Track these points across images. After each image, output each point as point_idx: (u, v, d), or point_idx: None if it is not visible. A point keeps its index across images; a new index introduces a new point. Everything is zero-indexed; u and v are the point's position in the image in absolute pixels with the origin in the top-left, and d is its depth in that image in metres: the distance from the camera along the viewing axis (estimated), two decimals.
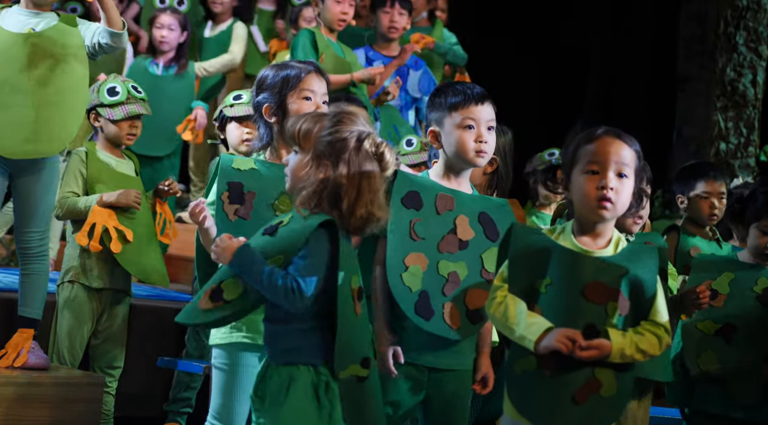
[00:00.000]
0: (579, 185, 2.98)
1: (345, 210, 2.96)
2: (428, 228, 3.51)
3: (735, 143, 7.99)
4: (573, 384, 2.92)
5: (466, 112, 3.54)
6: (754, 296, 3.74)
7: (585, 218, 3.00)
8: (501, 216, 3.57)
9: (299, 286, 2.89)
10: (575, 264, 2.95)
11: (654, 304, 2.98)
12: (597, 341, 2.89)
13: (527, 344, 2.90)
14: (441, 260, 3.49)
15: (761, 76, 8.11)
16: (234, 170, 3.43)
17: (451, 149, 3.56)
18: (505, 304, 2.95)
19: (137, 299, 5.19)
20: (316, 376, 2.96)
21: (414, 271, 3.45)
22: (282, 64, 3.60)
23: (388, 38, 6.39)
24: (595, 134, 3.01)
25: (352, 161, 2.96)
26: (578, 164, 3.00)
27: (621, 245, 3.02)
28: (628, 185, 2.99)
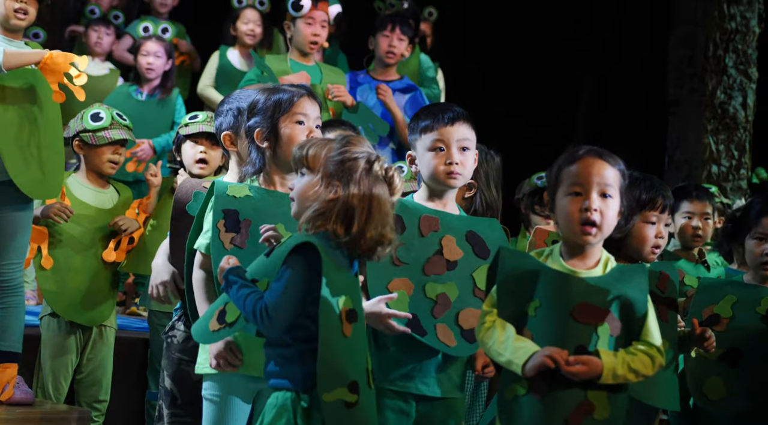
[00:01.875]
0: (563, 207, 2.96)
1: (355, 232, 2.93)
2: (411, 252, 3.48)
3: (726, 165, 7.98)
4: (565, 407, 2.88)
5: (435, 134, 3.52)
6: (758, 318, 3.70)
7: (571, 241, 2.97)
8: (491, 234, 3.54)
9: (267, 311, 2.86)
10: (564, 286, 2.92)
11: (645, 324, 2.94)
12: (585, 357, 2.85)
13: (515, 368, 2.87)
14: (428, 283, 3.45)
15: (751, 98, 8.11)
16: (229, 197, 3.39)
17: (424, 172, 3.56)
18: (493, 329, 2.93)
19: (122, 331, 5.14)
20: (294, 401, 2.91)
21: (399, 296, 3.42)
22: (274, 88, 3.57)
23: (384, 63, 6.30)
24: (578, 155, 2.99)
25: (363, 182, 2.95)
26: (561, 185, 2.98)
27: (610, 266, 2.99)
28: (613, 206, 2.96)
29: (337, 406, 2.88)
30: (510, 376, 2.92)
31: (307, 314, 2.90)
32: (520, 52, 9.30)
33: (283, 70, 5.88)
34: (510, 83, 9.26)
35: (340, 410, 2.88)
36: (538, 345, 2.88)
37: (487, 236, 3.54)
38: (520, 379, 2.89)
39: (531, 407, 2.89)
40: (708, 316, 3.71)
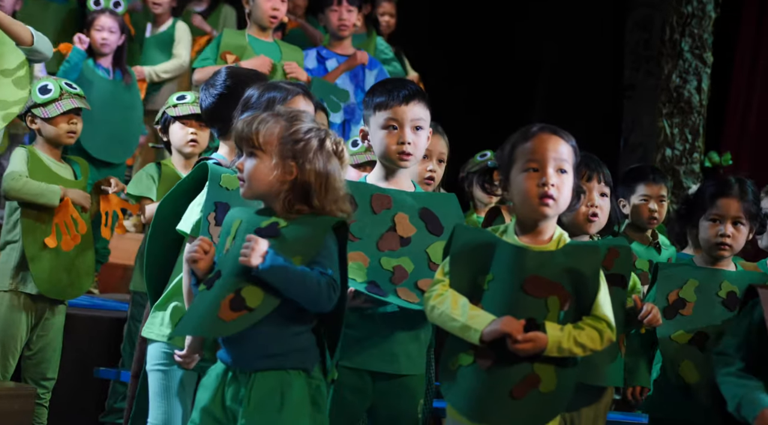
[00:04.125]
0: (519, 184, 2.96)
1: (317, 209, 2.96)
2: (365, 228, 3.46)
3: (680, 149, 8.03)
4: (511, 379, 2.88)
5: (388, 112, 3.50)
6: (719, 301, 3.70)
7: (526, 217, 2.98)
8: (446, 211, 3.53)
9: (336, 283, 2.90)
10: (517, 259, 2.93)
11: (596, 299, 2.95)
12: (532, 333, 2.86)
13: (471, 334, 2.87)
14: (383, 257, 3.45)
15: (706, 82, 8.16)
16: (222, 188, 3.36)
17: (377, 150, 3.54)
18: (447, 296, 2.94)
19: (73, 308, 5.08)
20: (309, 381, 2.93)
21: (356, 266, 3.41)
22: (269, 85, 3.53)
23: (339, 36, 6.31)
24: (531, 132, 3.00)
25: (318, 160, 2.96)
26: (517, 163, 2.98)
27: (563, 242, 3.00)
28: (568, 181, 2.98)
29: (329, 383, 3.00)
30: (455, 345, 2.93)
31: None
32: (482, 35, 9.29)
33: (241, 46, 5.84)
34: (471, 66, 9.26)
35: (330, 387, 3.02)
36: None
37: (442, 213, 3.53)
38: (466, 348, 2.90)
39: (476, 377, 2.90)
40: (674, 300, 3.72)
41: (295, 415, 2.88)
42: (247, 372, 2.91)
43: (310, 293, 2.87)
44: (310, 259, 2.90)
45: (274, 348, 2.92)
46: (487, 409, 2.90)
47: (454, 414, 2.96)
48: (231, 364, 2.95)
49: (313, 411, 2.92)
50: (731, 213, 3.77)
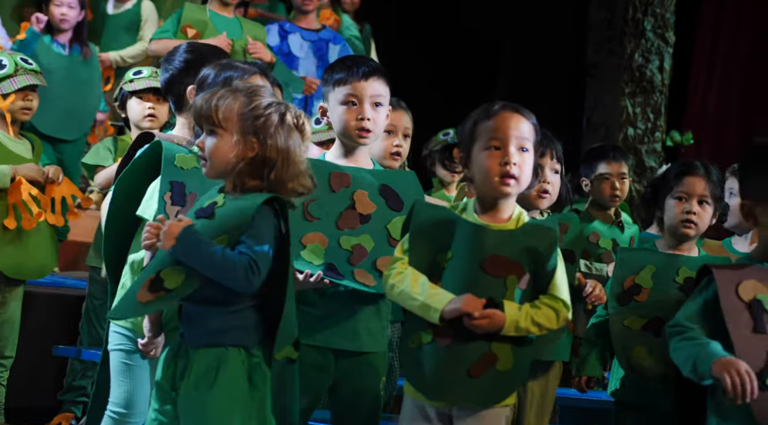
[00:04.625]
0: (481, 162, 2.95)
1: (276, 183, 2.92)
2: (323, 207, 3.45)
3: (642, 128, 8.07)
4: (469, 357, 2.89)
5: (348, 88, 3.48)
6: (676, 287, 3.70)
7: (487, 195, 2.97)
8: (406, 187, 3.51)
9: (256, 263, 2.82)
10: (477, 237, 2.93)
11: (553, 278, 2.96)
12: (489, 311, 2.86)
13: (431, 313, 2.86)
14: (342, 236, 3.43)
15: (668, 62, 8.19)
16: (176, 168, 3.33)
17: (336, 126, 3.52)
18: (406, 274, 2.92)
19: (31, 285, 5.05)
20: (248, 358, 2.90)
21: (314, 248, 3.39)
22: (225, 64, 3.51)
23: (303, 11, 6.29)
24: (493, 110, 2.99)
25: (279, 135, 2.93)
26: (478, 141, 2.97)
27: (522, 220, 3.00)
28: (529, 159, 2.98)
29: (282, 363, 2.94)
30: (414, 324, 2.93)
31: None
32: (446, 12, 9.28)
33: (202, 21, 5.80)
34: (435, 44, 9.25)
35: (284, 366, 2.95)
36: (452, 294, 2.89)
37: (402, 190, 3.52)
38: (425, 327, 2.89)
39: (435, 355, 2.90)
40: (629, 286, 3.73)
41: (226, 392, 2.84)
42: (192, 348, 2.89)
43: (225, 274, 2.81)
44: (233, 238, 2.84)
45: (214, 324, 2.88)
46: (445, 387, 2.90)
47: (412, 392, 2.95)
48: (182, 340, 2.94)
49: (249, 389, 2.88)
50: (697, 191, 3.78)
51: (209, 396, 2.84)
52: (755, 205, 2.85)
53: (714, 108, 8.31)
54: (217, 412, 2.83)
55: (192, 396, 2.85)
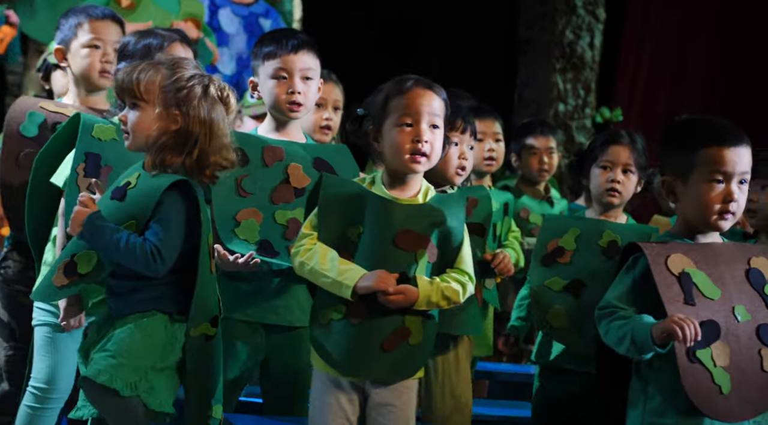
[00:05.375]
0: (392, 138, 2.95)
1: (199, 159, 2.90)
2: (257, 182, 3.44)
3: (573, 104, 8.12)
4: (382, 332, 2.90)
5: (277, 61, 3.47)
6: (600, 251, 3.75)
7: (397, 171, 2.97)
8: (339, 160, 3.51)
9: (159, 251, 2.81)
10: (387, 212, 2.92)
11: (460, 252, 2.99)
12: (403, 286, 2.88)
13: (343, 289, 2.86)
14: (277, 211, 3.43)
15: (598, 38, 8.25)
16: (94, 139, 3.29)
17: (267, 100, 3.51)
18: (316, 251, 2.91)
19: None
20: (170, 324, 2.90)
21: (248, 225, 3.38)
22: (145, 32, 3.50)
23: None
24: (406, 86, 2.98)
25: (201, 107, 2.91)
26: (390, 116, 2.96)
27: (430, 195, 3.01)
28: (440, 136, 2.98)
29: (199, 340, 2.93)
30: (325, 300, 2.92)
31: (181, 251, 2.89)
32: None
33: None
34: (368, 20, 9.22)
35: (200, 342, 2.94)
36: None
37: (336, 163, 3.51)
38: (336, 303, 2.89)
39: (347, 331, 2.90)
40: (552, 249, 3.77)
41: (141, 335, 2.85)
42: (118, 318, 2.89)
43: (129, 261, 2.82)
44: (141, 223, 2.84)
45: (138, 296, 2.88)
46: (359, 363, 2.91)
47: (324, 367, 2.95)
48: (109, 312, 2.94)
49: (163, 348, 2.89)
50: (622, 160, 3.84)
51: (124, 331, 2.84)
52: (675, 181, 2.89)
53: (644, 85, 8.38)
54: (124, 343, 2.83)
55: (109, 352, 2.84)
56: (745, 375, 2.78)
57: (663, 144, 2.95)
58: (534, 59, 8.29)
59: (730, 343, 2.78)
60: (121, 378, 2.79)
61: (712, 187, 2.83)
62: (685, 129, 2.93)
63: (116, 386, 2.78)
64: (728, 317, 2.79)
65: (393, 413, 2.93)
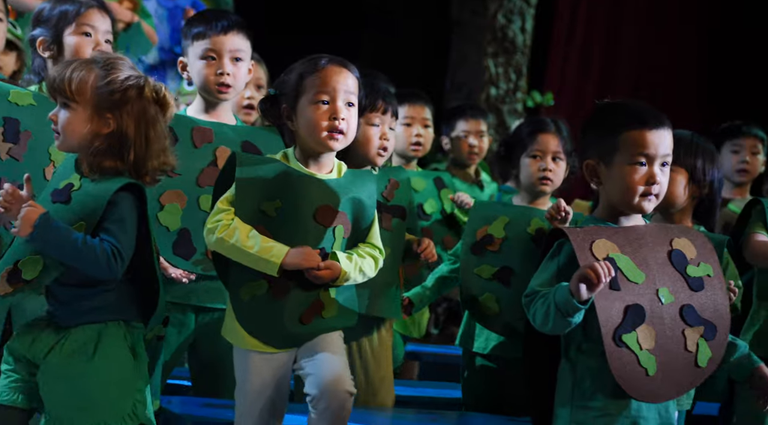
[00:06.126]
0: (308, 115, 2.93)
1: (136, 163, 2.83)
2: (185, 163, 3.40)
3: (504, 88, 8.16)
4: (300, 306, 2.90)
5: (207, 42, 3.45)
6: (528, 238, 3.78)
7: (312, 149, 2.96)
8: (267, 143, 3.49)
9: (120, 252, 2.75)
10: (306, 187, 2.91)
11: (372, 228, 3.00)
12: (329, 262, 2.88)
13: (269, 266, 2.84)
14: (202, 195, 3.40)
15: (530, 23, 8.28)
16: (11, 103, 3.22)
17: (195, 81, 3.49)
18: (235, 227, 2.87)
19: None
20: (130, 331, 2.86)
21: (171, 209, 3.35)
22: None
23: None
24: (321, 64, 2.96)
25: (137, 110, 2.83)
26: (305, 94, 2.94)
27: (343, 170, 3.01)
28: (355, 113, 2.98)
29: (153, 341, 2.96)
30: (243, 277, 2.90)
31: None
32: None
33: None
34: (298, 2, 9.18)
35: (154, 343, 3.00)
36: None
37: (264, 146, 3.50)
38: (256, 279, 2.87)
39: (270, 306, 2.89)
40: (482, 236, 3.79)
41: (106, 364, 2.81)
42: (64, 326, 2.83)
43: (87, 262, 2.74)
44: (96, 224, 2.77)
45: (88, 304, 2.82)
46: (286, 335, 2.90)
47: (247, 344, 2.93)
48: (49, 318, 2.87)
49: (134, 361, 2.86)
50: (551, 149, 3.89)
51: (88, 368, 2.79)
52: (598, 164, 2.91)
53: (574, 69, 8.44)
54: (96, 384, 2.79)
55: (67, 366, 2.80)
56: (670, 356, 2.81)
57: (586, 128, 2.97)
58: (465, 43, 8.31)
59: (654, 326, 2.81)
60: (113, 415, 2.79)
61: (634, 169, 2.85)
62: (608, 113, 2.95)
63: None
64: (653, 300, 2.82)
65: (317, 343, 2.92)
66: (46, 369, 2.81)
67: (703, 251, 2.93)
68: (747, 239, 3.45)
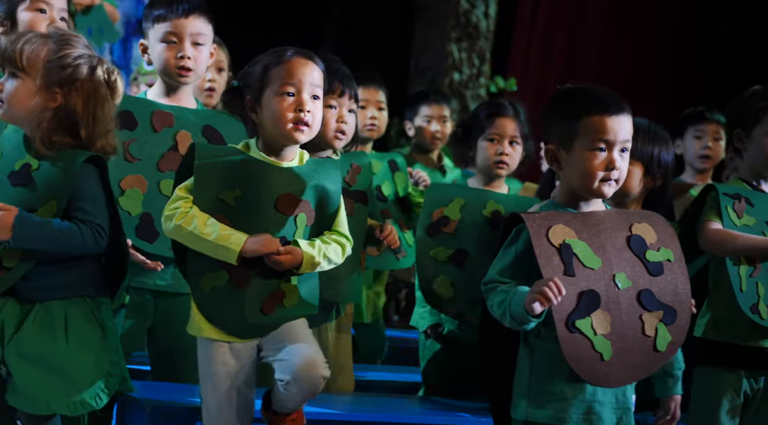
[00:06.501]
0: (273, 107, 2.91)
1: (88, 140, 2.83)
2: (145, 148, 3.39)
3: (468, 73, 8.17)
4: (261, 295, 2.90)
5: (168, 25, 3.43)
6: (484, 220, 3.80)
7: (276, 140, 2.94)
8: (228, 128, 3.48)
9: (102, 228, 2.78)
10: (267, 176, 2.90)
11: (338, 215, 3.00)
12: (290, 247, 2.87)
13: (228, 254, 2.83)
14: (163, 180, 3.39)
15: (493, 8, 8.29)
16: None
17: (156, 64, 3.48)
18: (194, 215, 2.86)
19: None
20: (97, 306, 2.87)
21: (132, 194, 3.33)
22: None
23: None
24: (287, 56, 2.95)
25: (86, 88, 2.83)
26: (270, 86, 2.93)
27: (305, 159, 3.00)
28: (320, 106, 2.97)
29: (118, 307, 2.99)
30: (202, 267, 2.89)
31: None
32: None
33: None
34: None
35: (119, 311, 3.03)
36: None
37: (225, 131, 3.48)
38: (216, 269, 2.87)
39: (231, 296, 2.89)
40: (437, 218, 3.80)
41: (80, 341, 2.83)
42: (32, 302, 2.83)
43: (73, 246, 2.77)
44: (68, 203, 2.79)
45: (56, 281, 2.83)
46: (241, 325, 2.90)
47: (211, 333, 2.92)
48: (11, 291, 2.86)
49: (103, 335, 2.87)
50: (508, 132, 3.90)
51: (59, 346, 2.80)
52: (559, 149, 2.92)
53: (537, 55, 8.46)
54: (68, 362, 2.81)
55: (37, 344, 2.80)
56: (626, 341, 2.83)
57: (547, 113, 2.97)
58: (429, 27, 8.30)
59: (610, 311, 2.82)
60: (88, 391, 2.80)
61: (594, 155, 2.86)
62: (569, 98, 2.96)
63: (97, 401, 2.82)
64: (609, 285, 2.84)
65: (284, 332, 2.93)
66: (16, 347, 2.82)
67: (664, 235, 2.95)
68: (701, 226, 3.47)
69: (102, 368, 2.85)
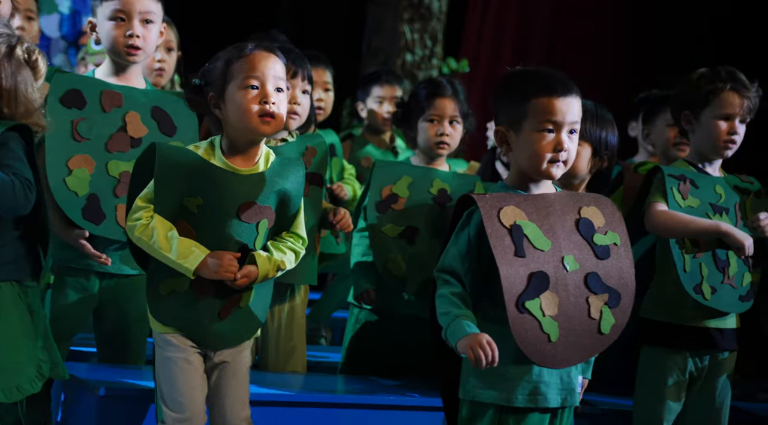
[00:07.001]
0: (237, 101, 2.89)
1: (12, 118, 2.79)
2: (93, 127, 3.36)
3: (420, 54, 8.16)
4: (218, 302, 2.90)
5: (115, 2, 3.41)
6: (431, 198, 3.85)
7: (242, 137, 2.92)
8: (178, 110, 3.45)
9: (29, 181, 2.73)
10: (228, 184, 2.87)
11: (297, 217, 3.00)
12: (246, 270, 2.87)
13: (185, 271, 2.82)
14: (111, 161, 3.36)
15: None
16: None
17: (104, 43, 3.44)
18: (153, 227, 2.84)
19: None
20: (24, 290, 2.83)
21: (79, 174, 3.30)
22: None
23: None
24: (249, 49, 2.93)
25: (5, 68, 2.79)
26: (233, 80, 2.90)
27: (270, 160, 2.98)
28: (285, 99, 2.95)
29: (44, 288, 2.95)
30: (163, 272, 2.88)
31: None
32: None
33: None
34: None
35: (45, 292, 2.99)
36: (201, 244, 2.84)
37: (174, 112, 3.45)
38: (177, 275, 2.85)
39: (192, 305, 2.89)
40: (387, 195, 3.83)
41: (8, 326, 2.78)
42: None
43: (5, 196, 2.71)
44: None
45: None
46: (204, 333, 2.91)
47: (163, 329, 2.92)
48: None
49: (32, 319, 2.84)
50: (448, 113, 3.93)
51: None
52: (508, 131, 2.93)
53: (490, 36, 8.46)
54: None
55: None
56: (573, 323, 2.85)
57: (497, 95, 2.98)
58: (382, 8, 8.27)
59: (558, 293, 2.84)
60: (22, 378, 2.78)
61: (542, 136, 2.87)
62: (517, 80, 2.97)
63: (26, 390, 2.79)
64: (557, 267, 2.86)
65: (229, 369, 2.94)
66: None
67: (612, 219, 2.97)
68: (647, 208, 3.50)
69: (33, 354, 2.82)
